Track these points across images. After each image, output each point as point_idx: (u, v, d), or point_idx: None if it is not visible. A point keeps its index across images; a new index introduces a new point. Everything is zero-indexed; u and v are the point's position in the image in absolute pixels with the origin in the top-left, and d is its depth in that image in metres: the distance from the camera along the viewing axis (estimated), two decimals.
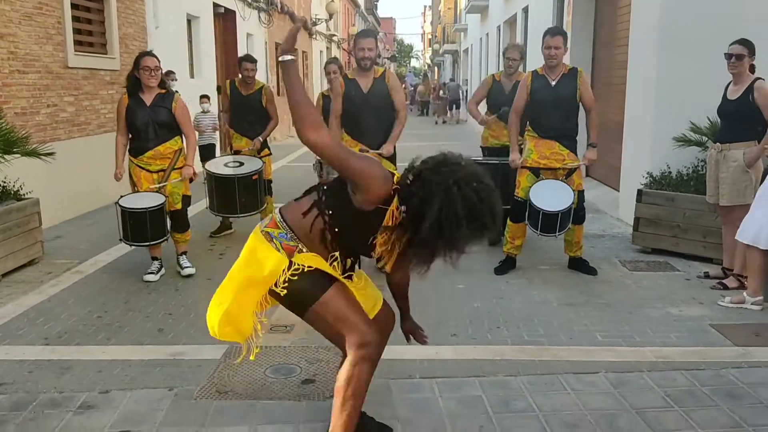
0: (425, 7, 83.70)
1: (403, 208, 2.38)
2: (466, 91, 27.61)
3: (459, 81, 31.84)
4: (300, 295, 2.53)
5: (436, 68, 55.75)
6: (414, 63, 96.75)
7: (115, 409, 3.29)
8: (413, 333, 3.10)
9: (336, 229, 2.53)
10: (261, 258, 2.55)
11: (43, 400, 3.40)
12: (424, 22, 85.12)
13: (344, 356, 2.61)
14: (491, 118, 6.74)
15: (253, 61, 6.85)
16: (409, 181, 2.37)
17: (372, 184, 2.39)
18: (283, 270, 2.50)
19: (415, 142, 18.05)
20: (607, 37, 9.66)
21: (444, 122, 27.71)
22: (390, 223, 2.43)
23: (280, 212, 2.64)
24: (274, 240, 2.56)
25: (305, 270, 2.51)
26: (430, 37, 66.63)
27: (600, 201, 8.78)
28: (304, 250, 2.54)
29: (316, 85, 25.54)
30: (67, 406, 3.33)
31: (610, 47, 9.47)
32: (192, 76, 12.17)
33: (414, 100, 36.19)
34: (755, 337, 4.19)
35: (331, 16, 26.16)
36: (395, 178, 2.47)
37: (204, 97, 9.72)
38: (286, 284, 2.51)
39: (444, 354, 3.96)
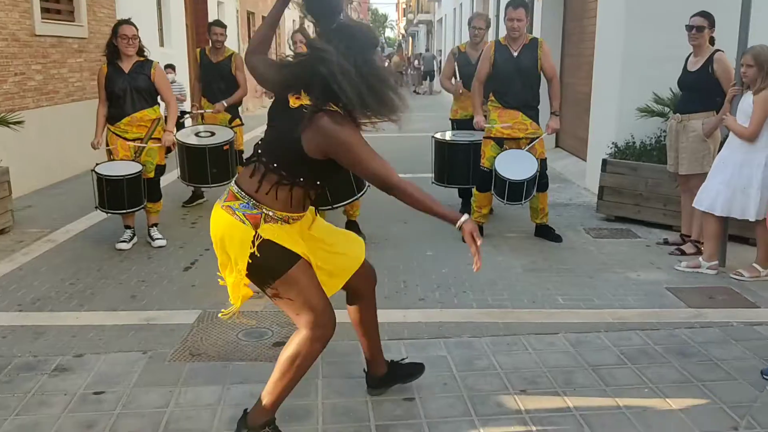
0: None
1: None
2: (441, 62, 27.59)
3: (433, 51, 31.77)
4: (263, 269, 2.53)
5: (410, 38, 55.42)
6: (388, 33, 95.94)
7: (90, 372, 3.38)
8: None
9: (302, 183, 2.54)
10: (229, 232, 2.53)
11: (18, 364, 3.47)
12: None
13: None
14: (459, 87, 6.79)
15: (223, 26, 6.84)
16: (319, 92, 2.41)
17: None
18: (252, 242, 2.49)
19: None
20: (577, 8, 9.76)
21: (417, 93, 27.72)
22: None
23: (236, 184, 2.60)
24: (236, 212, 2.52)
25: (270, 244, 2.51)
26: (404, 6, 66.09)
27: (568, 171, 8.96)
28: (270, 213, 2.53)
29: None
30: (42, 369, 3.41)
31: (580, 18, 9.57)
32: (161, 45, 12.03)
33: None
34: (709, 299, 4.39)
35: None
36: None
37: (169, 67, 9.61)
38: (251, 258, 2.50)
39: (411, 317, 4.09)
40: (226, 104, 6.72)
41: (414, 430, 2.86)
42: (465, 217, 2.64)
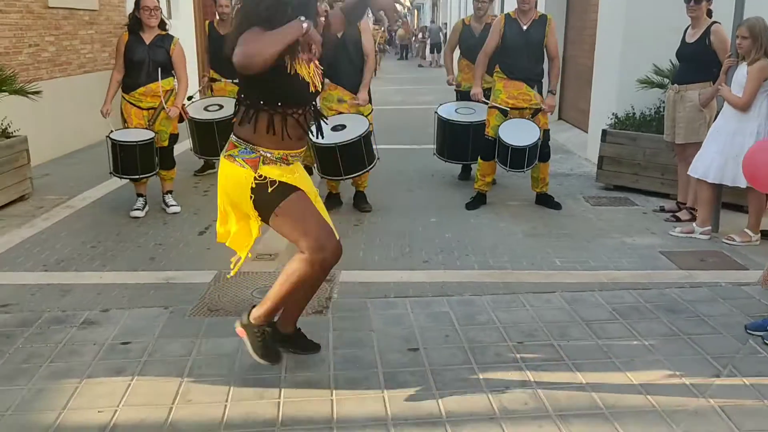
0: None
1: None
2: (447, 34, 27.53)
3: (439, 24, 31.67)
4: (264, 201, 2.75)
5: (416, 11, 55.06)
6: None
7: (116, 325, 3.62)
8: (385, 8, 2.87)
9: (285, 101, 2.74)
10: (233, 177, 2.78)
11: (48, 318, 3.71)
12: None
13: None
14: (452, 79, 7.08)
15: None
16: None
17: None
18: (253, 178, 2.74)
19: (394, 85, 18.24)
20: None
21: (421, 66, 27.70)
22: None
23: (234, 133, 2.83)
24: (237, 159, 2.76)
25: (268, 180, 2.74)
26: None
27: (570, 142, 9.12)
28: (267, 154, 2.76)
29: None
30: (70, 323, 3.65)
31: None
32: (169, 16, 12.11)
33: (392, 42, 35.92)
34: (700, 261, 4.60)
35: None
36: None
37: None
38: (253, 192, 2.74)
39: (416, 277, 4.32)
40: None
41: (418, 376, 3.09)
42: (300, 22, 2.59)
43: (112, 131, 5.46)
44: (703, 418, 2.75)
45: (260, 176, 2.74)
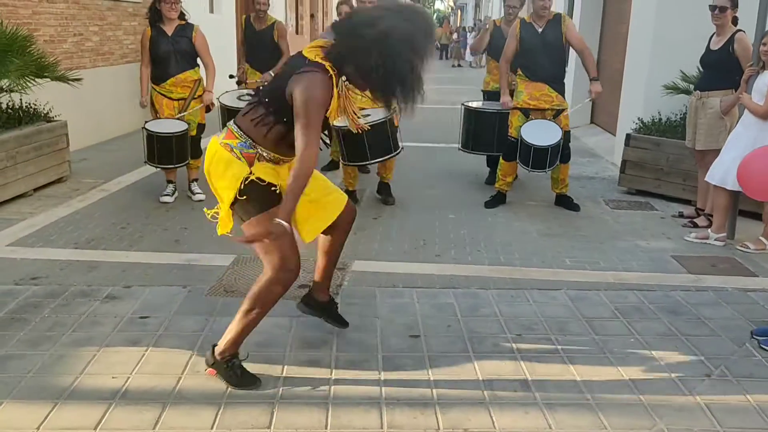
0: None
1: (344, 78, 2.74)
2: None
3: (483, 23, 31.62)
4: (247, 204, 2.80)
5: (459, 11, 54.96)
6: (438, 5, 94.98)
7: (137, 300, 3.83)
8: None
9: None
10: (223, 162, 2.82)
11: (74, 291, 3.94)
12: None
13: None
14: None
15: None
16: (337, 53, 2.71)
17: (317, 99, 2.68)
18: (243, 178, 2.77)
19: (432, 85, 18.30)
20: None
21: (459, 65, 27.71)
22: (339, 101, 2.77)
23: (235, 123, 2.86)
24: (234, 150, 2.80)
25: (258, 183, 2.78)
26: None
27: (599, 146, 9.13)
28: (264, 153, 2.82)
29: None
30: (95, 297, 3.87)
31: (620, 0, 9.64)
32: (211, 11, 12.45)
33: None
34: (710, 267, 4.63)
35: None
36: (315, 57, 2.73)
37: None
38: (238, 192, 2.78)
39: (426, 270, 4.45)
40: (272, 74, 7.07)
41: (415, 360, 3.23)
42: (276, 221, 2.66)
43: (147, 122, 5.69)
44: (687, 413, 2.82)
45: (251, 174, 2.78)
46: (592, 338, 3.50)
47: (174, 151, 5.64)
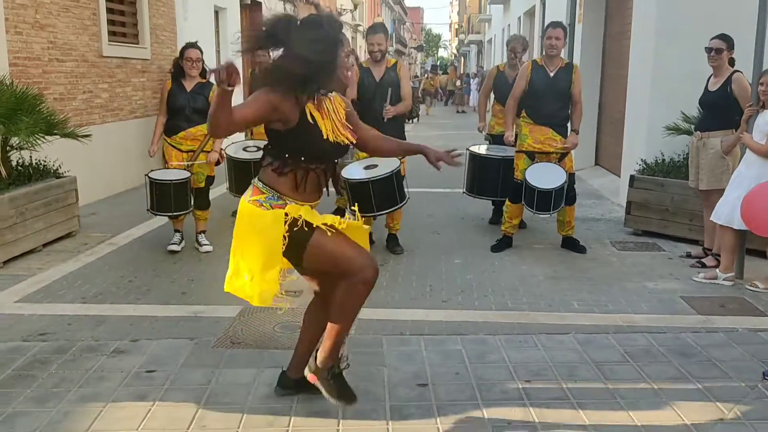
0: None
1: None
2: None
3: (485, 71, 32.06)
4: (295, 240, 2.82)
5: (462, 58, 55.86)
6: (442, 52, 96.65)
7: (143, 354, 3.83)
8: (443, 158, 3.10)
9: (308, 158, 2.87)
10: (261, 222, 2.84)
11: (81, 346, 3.94)
12: (452, 11, 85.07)
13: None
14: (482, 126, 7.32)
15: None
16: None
17: (275, 106, 2.79)
18: (285, 222, 2.80)
19: (437, 131, 18.55)
20: (616, 30, 9.98)
21: (463, 112, 27.96)
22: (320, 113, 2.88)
23: (260, 180, 2.93)
24: (264, 204, 2.85)
25: (298, 221, 2.82)
26: (456, 27, 66.59)
27: (604, 188, 9.15)
28: (292, 203, 2.86)
29: None
30: (102, 351, 3.87)
31: (619, 40, 9.79)
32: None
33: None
34: (719, 307, 4.59)
35: (356, 6, 26.60)
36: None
37: None
38: (287, 234, 2.83)
39: (433, 316, 4.43)
40: None
41: (423, 409, 3.20)
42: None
43: (152, 170, 5.79)
44: None
45: (288, 217, 2.81)
46: (602, 383, 3.47)
47: (173, 199, 5.70)
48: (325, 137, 2.89)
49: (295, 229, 2.84)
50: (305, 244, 2.85)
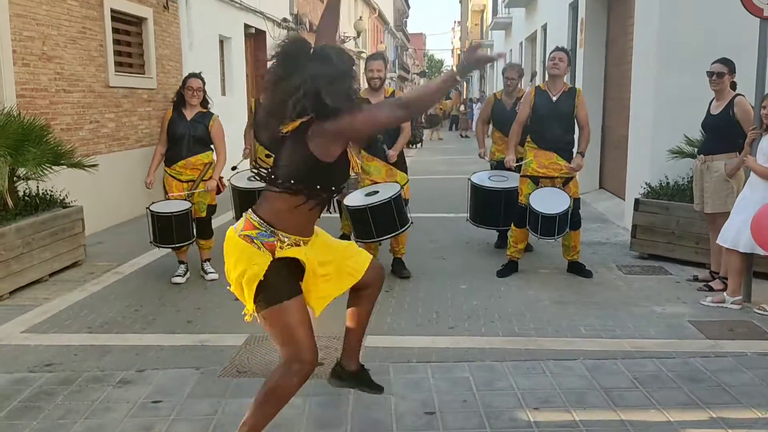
0: (455, 22, 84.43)
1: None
2: None
3: (488, 95, 32.20)
4: (265, 292, 2.73)
5: (464, 83, 56.22)
6: None
7: (149, 384, 3.82)
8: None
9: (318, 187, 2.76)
10: (246, 254, 2.74)
11: (87, 377, 3.93)
12: (454, 37, 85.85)
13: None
14: (483, 152, 7.38)
15: None
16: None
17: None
18: (266, 268, 2.70)
19: (440, 155, 18.62)
20: (617, 55, 10.06)
21: (467, 137, 28.04)
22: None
23: (254, 212, 2.80)
24: (255, 241, 2.73)
25: (278, 271, 2.72)
26: (459, 53, 67.15)
27: (609, 211, 9.14)
28: (285, 239, 2.75)
29: None
30: (108, 382, 3.86)
31: (621, 64, 9.85)
32: (224, 94, 12.83)
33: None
34: (728, 331, 4.56)
35: (359, 33, 26.86)
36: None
37: None
38: (265, 276, 2.71)
39: (440, 343, 4.42)
40: None
41: None
42: (453, 70, 2.74)
43: (152, 203, 5.82)
44: None
45: (272, 259, 2.72)
46: (611, 409, 3.44)
47: (174, 231, 5.72)
48: (351, 168, 2.86)
49: (272, 280, 2.73)
50: (274, 303, 2.75)
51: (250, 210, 2.86)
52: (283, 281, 2.77)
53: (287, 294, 2.76)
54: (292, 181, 2.73)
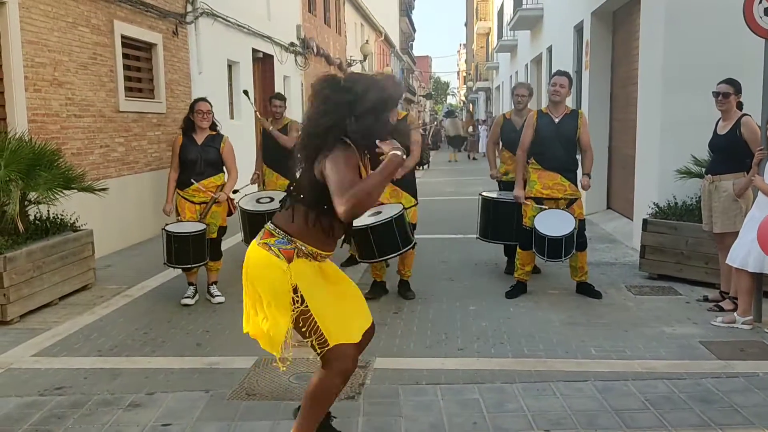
0: (460, 44, 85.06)
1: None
2: None
3: (494, 116, 32.30)
4: (299, 295, 2.81)
5: (471, 104, 56.47)
6: (450, 99, 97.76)
7: (159, 407, 3.82)
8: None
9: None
10: (265, 264, 2.85)
11: (97, 400, 3.94)
12: (460, 59, 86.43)
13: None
14: (497, 173, 7.29)
15: (282, 98, 7.55)
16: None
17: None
18: (289, 280, 2.79)
19: (448, 177, 18.66)
20: (622, 76, 10.10)
21: (474, 158, 28.10)
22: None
23: (272, 223, 2.93)
24: (272, 248, 2.83)
25: (305, 273, 2.82)
26: (465, 75, 67.53)
27: (618, 232, 9.13)
28: (303, 248, 2.85)
29: None
30: (117, 405, 3.86)
31: (626, 85, 9.90)
32: (232, 117, 12.94)
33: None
34: (740, 351, 4.53)
35: (365, 56, 27.07)
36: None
37: None
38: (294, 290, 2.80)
39: (449, 365, 4.40)
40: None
41: None
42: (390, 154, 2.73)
43: (167, 224, 5.85)
44: None
45: (297, 291, 2.80)
46: (623, 431, 3.41)
47: (191, 252, 5.74)
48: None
49: (301, 279, 2.83)
50: (305, 301, 2.83)
51: (270, 221, 2.98)
52: (311, 282, 2.83)
53: (318, 293, 2.83)
54: (302, 196, 2.86)
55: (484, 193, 6.77)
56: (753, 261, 4.90)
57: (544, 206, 5.88)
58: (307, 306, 2.83)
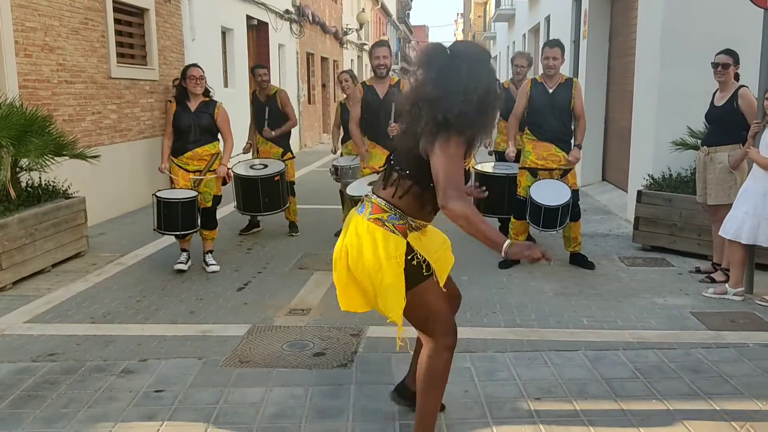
0: (458, 14, 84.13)
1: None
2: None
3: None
4: (408, 278, 2.71)
5: None
6: None
7: (152, 374, 3.83)
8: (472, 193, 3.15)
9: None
10: (380, 243, 2.70)
11: (90, 367, 3.95)
12: (457, 29, 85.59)
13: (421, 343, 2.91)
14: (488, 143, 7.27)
15: (264, 67, 7.52)
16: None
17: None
18: (405, 253, 2.69)
19: None
20: (620, 46, 10.02)
21: None
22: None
23: (378, 197, 2.78)
24: (386, 224, 2.71)
25: (417, 258, 2.73)
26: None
27: (612, 203, 9.13)
28: (413, 223, 2.77)
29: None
30: (110, 371, 3.87)
31: (623, 56, 9.83)
32: (226, 86, 12.82)
33: None
34: (730, 323, 4.56)
35: (361, 25, 26.78)
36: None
37: None
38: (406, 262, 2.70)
39: None
40: (273, 133, 7.24)
41: None
42: (507, 242, 2.55)
43: (158, 190, 5.82)
44: None
45: (410, 249, 2.72)
46: (612, 399, 3.44)
47: (180, 218, 5.71)
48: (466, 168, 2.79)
49: (413, 263, 2.73)
50: (413, 287, 2.73)
51: (370, 193, 2.84)
52: (416, 264, 2.74)
53: (422, 275, 2.75)
54: (407, 171, 2.73)
55: (478, 167, 6.74)
56: (746, 233, 4.90)
57: (538, 177, 5.86)
58: (427, 281, 2.77)
